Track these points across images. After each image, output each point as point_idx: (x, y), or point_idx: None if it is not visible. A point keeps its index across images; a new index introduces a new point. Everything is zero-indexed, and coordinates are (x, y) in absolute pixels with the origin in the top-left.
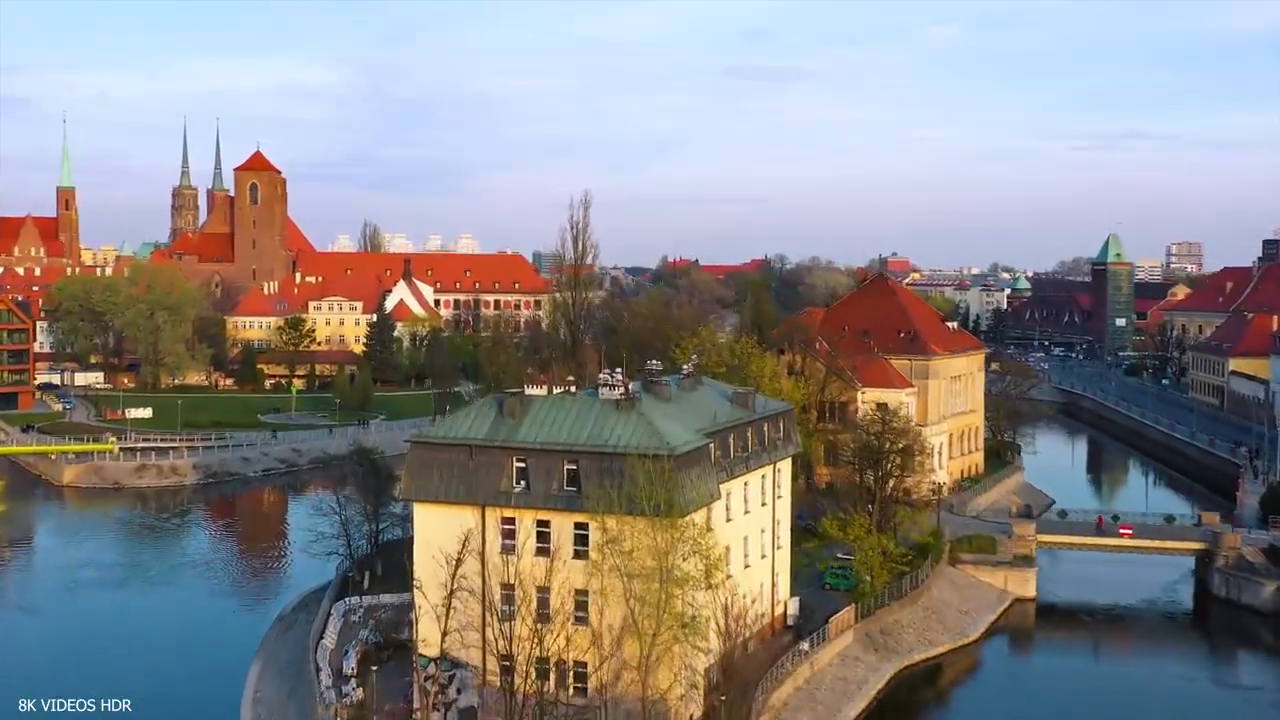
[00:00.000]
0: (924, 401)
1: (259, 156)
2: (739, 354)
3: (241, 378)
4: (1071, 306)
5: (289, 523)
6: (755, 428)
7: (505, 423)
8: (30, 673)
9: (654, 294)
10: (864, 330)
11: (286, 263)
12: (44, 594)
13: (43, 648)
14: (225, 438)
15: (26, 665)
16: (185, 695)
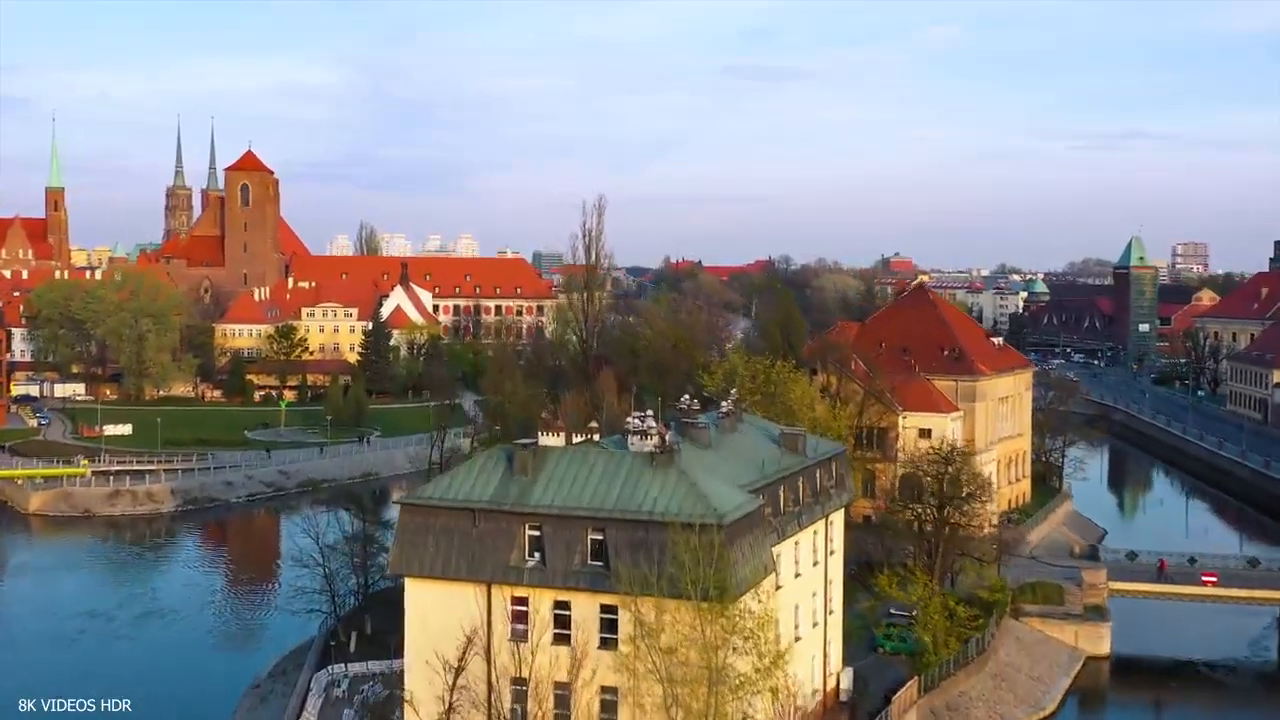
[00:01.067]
0: (971, 426)
1: (250, 156)
2: (775, 380)
3: (229, 389)
4: (1092, 311)
5: (271, 559)
6: (807, 476)
7: (515, 481)
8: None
9: (661, 299)
10: (903, 347)
11: (279, 267)
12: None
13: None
14: (208, 458)
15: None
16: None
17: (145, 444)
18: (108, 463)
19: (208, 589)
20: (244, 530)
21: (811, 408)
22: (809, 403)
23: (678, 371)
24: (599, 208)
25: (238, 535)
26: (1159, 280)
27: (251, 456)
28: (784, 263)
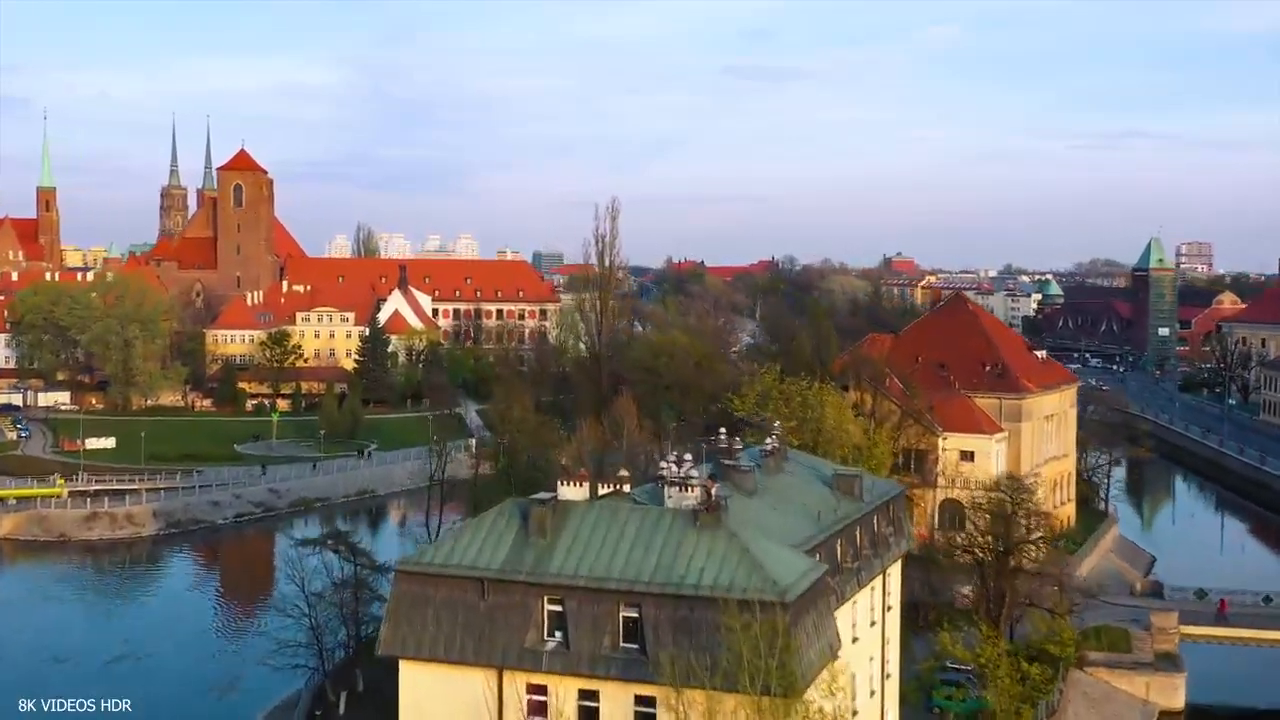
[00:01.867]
0: (1015, 449)
1: (244, 155)
2: (812, 403)
3: (220, 398)
4: (1109, 314)
5: (257, 592)
6: (865, 525)
7: (532, 544)
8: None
9: (669, 303)
10: (940, 362)
11: (273, 269)
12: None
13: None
14: (194, 476)
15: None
16: None
17: (129, 459)
18: (86, 482)
19: (185, 629)
20: (229, 557)
21: (847, 431)
22: (846, 428)
23: (701, 390)
24: (612, 211)
25: (222, 563)
26: None
27: (240, 473)
28: (788, 263)
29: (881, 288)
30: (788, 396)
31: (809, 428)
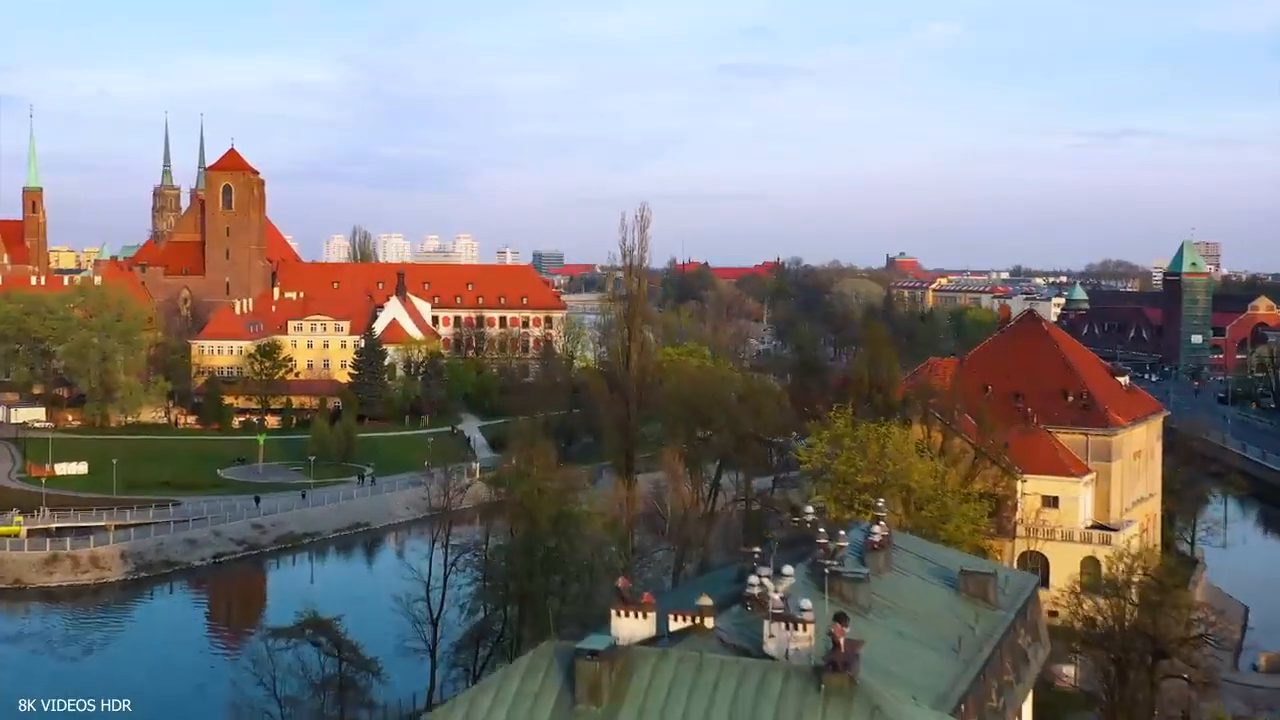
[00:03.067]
0: (1104, 492)
1: (234, 155)
2: (891, 454)
3: (205, 415)
4: (1139, 321)
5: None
6: (1009, 644)
7: (583, 715)
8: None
9: (682, 310)
10: (1014, 391)
11: (264, 275)
12: None
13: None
14: (170, 509)
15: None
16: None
17: (101, 486)
18: (48, 518)
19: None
20: (202, 608)
21: (901, 466)
22: (943, 497)
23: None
24: (642, 220)
25: (192, 616)
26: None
27: (221, 505)
28: (795, 265)
29: (892, 291)
30: (863, 444)
31: (894, 490)
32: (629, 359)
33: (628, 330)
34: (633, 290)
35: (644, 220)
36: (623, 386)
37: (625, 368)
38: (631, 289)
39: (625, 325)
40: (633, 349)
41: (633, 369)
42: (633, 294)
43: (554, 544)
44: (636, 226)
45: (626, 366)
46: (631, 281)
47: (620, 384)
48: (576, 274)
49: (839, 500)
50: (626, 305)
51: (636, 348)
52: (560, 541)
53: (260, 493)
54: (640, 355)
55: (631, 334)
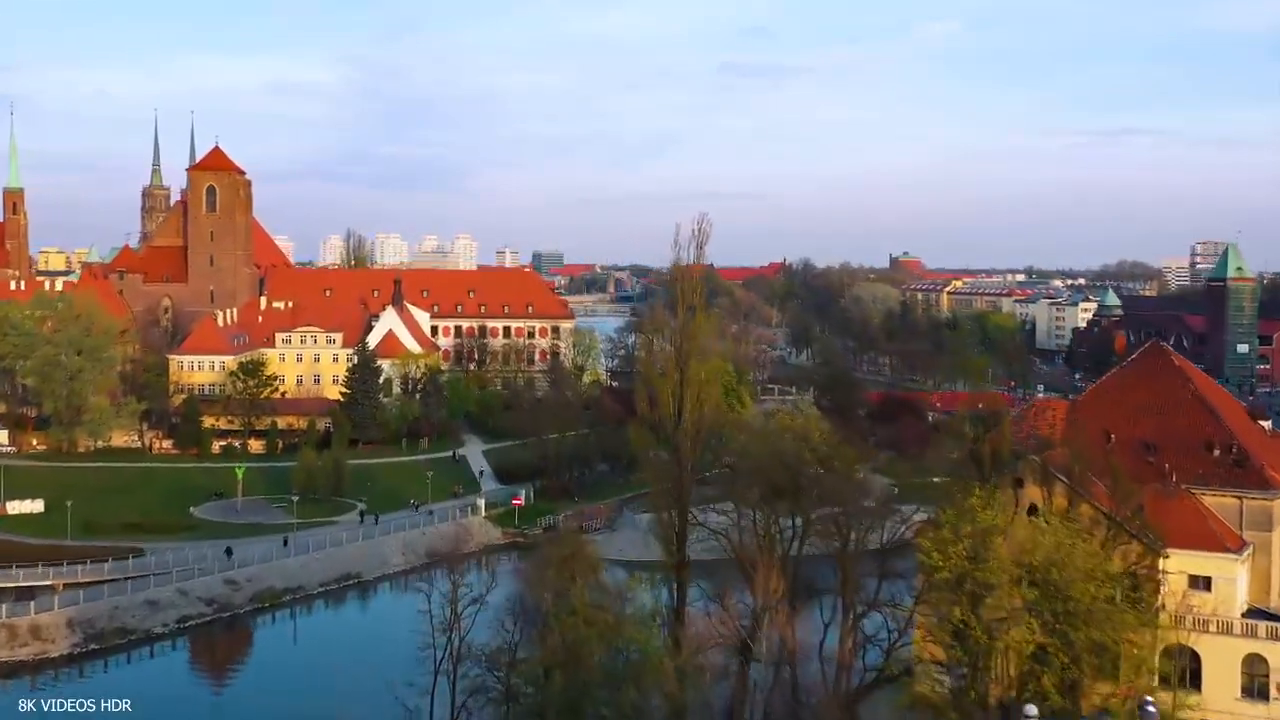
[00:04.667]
0: (1263, 570)
1: (218, 154)
2: (1063, 561)
3: (182, 439)
4: (1179, 329)
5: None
6: None
7: None
8: None
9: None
10: (1144, 441)
11: (251, 282)
12: None
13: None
14: (129, 561)
15: None
16: None
17: (57, 529)
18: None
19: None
20: (156, 691)
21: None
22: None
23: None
24: (700, 235)
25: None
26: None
27: (188, 556)
28: (802, 266)
29: (905, 293)
30: (1018, 542)
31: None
32: (680, 410)
33: (680, 375)
34: (687, 328)
35: (702, 235)
36: (674, 447)
37: (676, 421)
38: (686, 322)
39: (678, 369)
40: (686, 399)
41: (686, 424)
42: (687, 331)
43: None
44: (693, 243)
45: (678, 419)
46: (686, 305)
47: (670, 443)
48: (577, 274)
49: (978, 614)
50: (678, 344)
51: (692, 397)
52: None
53: (237, 536)
54: (696, 406)
55: (684, 380)
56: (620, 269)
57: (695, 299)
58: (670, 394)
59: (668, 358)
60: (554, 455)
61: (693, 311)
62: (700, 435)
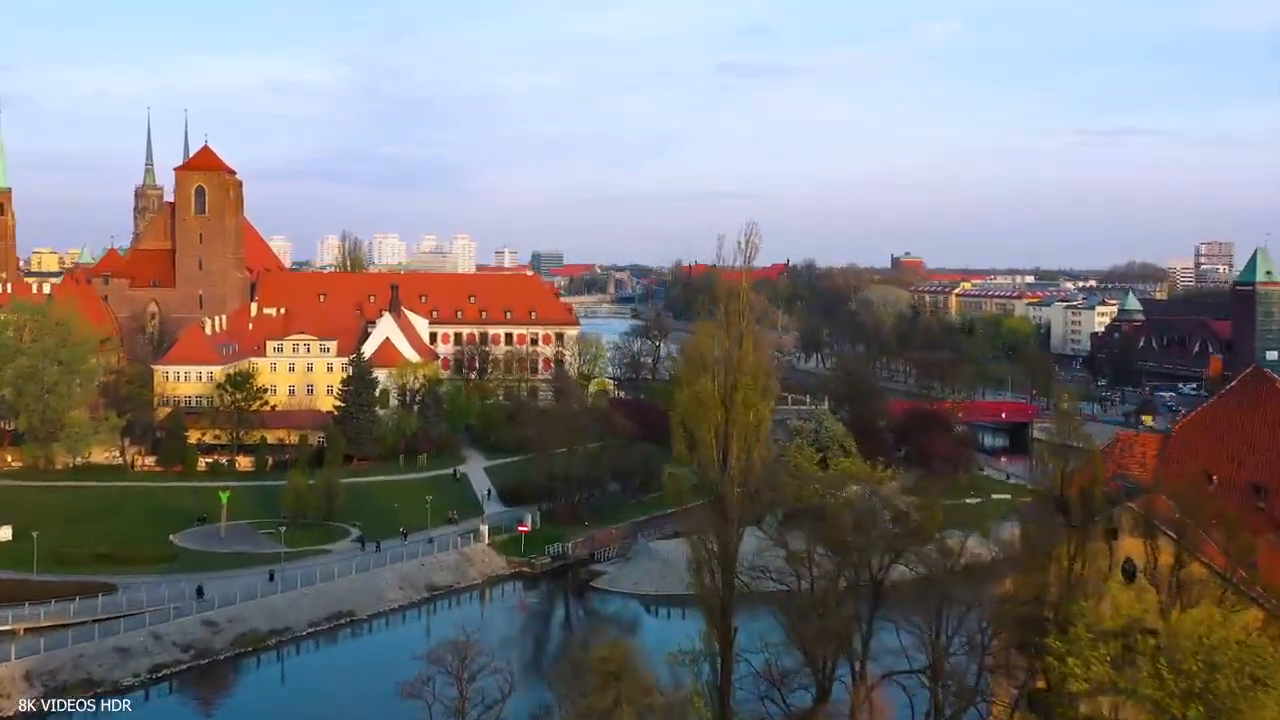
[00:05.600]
0: None
1: (207, 153)
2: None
3: (166, 456)
4: (1204, 335)
5: None
6: None
7: None
8: None
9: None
10: (1254, 484)
11: (242, 287)
12: None
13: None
14: (98, 600)
15: None
16: None
17: (24, 560)
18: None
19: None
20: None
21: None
22: None
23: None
24: (749, 245)
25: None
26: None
27: (164, 593)
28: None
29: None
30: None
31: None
32: (726, 455)
33: (724, 414)
34: (736, 355)
35: (750, 247)
36: (717, 500)
37: (721, 467)
38: (730, 350)
39: (722, 408)
40: (733, 441)
41: (733, 470)
42: (737, 357)
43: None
44: (739, 256)
45: (723, 465)
46: (732, 343)
47: (713, 494)
48: (576, 274)
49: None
50: (725, 375)
51: (740, 439)
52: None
53: (220, 567)
54: (744, 450)
55: (731, 419)
56: (620, 269)
57: (744, 323)
58: (713, 435)
59: (708, 393)
60: (562, 475)
61: (740, 337)
62: (750, 485)
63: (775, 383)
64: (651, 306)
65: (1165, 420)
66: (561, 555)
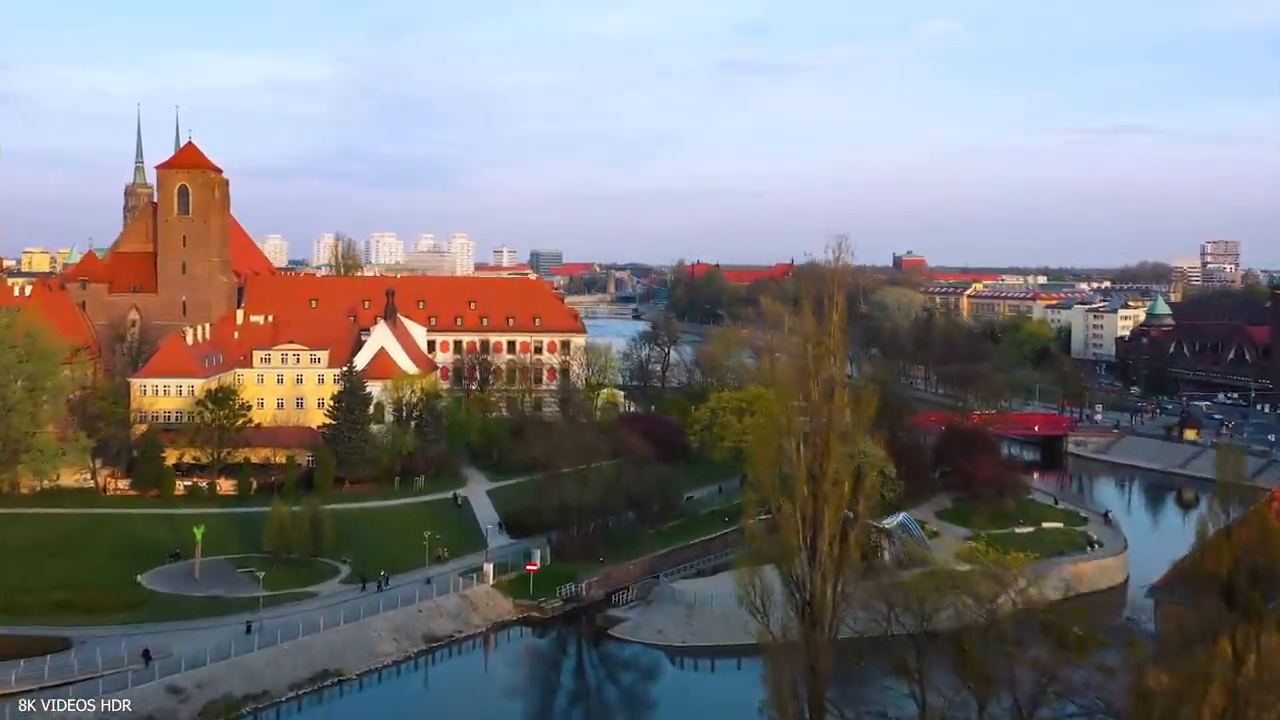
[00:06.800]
0: None
1: (191, 150)
2: None
3: (141, 479)
4: (1240, 341)
5: None
6: None
7: None
8: None
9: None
10: None
11: (229, 293)
12: None
13: None
14: (48, 663)
15: None
16: None
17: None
18: None
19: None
20: None
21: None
22: None
23: None
24: (839, 268)
25: None
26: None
27: (123, 651)
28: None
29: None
30: None
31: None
32: (815, 541)
33: (814, 490)
34: (826, 416)
35: (839, 277)
36: (805, 601)
37: (809, 551)
38: (822, 413)
39: (811, 482)
40: (824, 523)
41: (824, 562)
42: (825, 419)
43: None
44: (834, 277)
45: (811, 554)
46: (821, 397)
47: (798, 591)
48: (576, 273)
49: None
50: (813, 442)
51: (832, 519)
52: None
53: (192, 615)
54: (837, 537)
55: (821, 496)
56: (620, 268)
57: (835, 367)
58: (800, 516)
59: (792, 461)
60: (574, 505)
61: (831, 384)
62: (846, 580)
63: (881, 449)
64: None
65: (1210, 435)
66: (574, 597)
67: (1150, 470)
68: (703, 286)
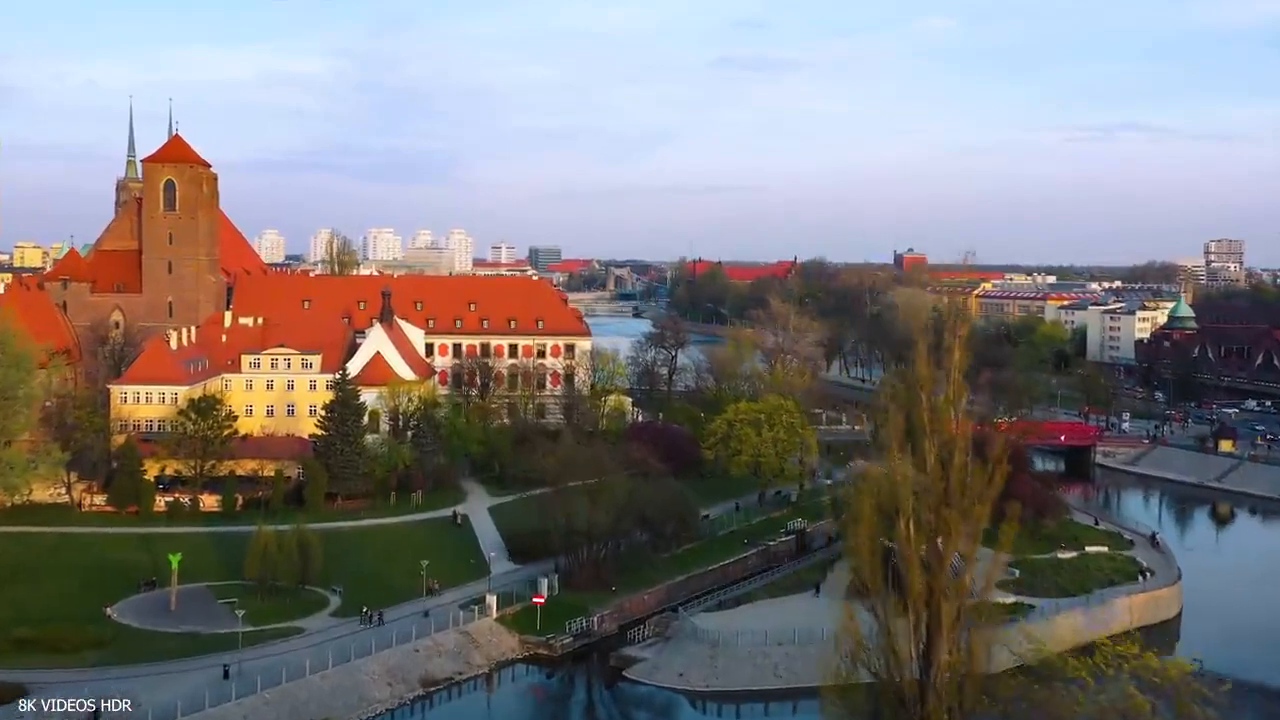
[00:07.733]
0: None
1: (178, 143)
2: None
3: (118, 494)
4: (1269, 344)
5: None
6: None
7: None
8: None
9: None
10: None
11: (217, 293)
12: None
13: None
14: None
15: None
16: None
17: None
18: None
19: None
20: None
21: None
22: None
23: None
24: (952, 323)
25: None
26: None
27: (84, 698)
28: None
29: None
30: None
31: None
32: (930, 660)
33: (931, 605)
34: (948, 508)
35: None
36: (890, 681)
37: (925, 670)
38: (943, 505)
39: (928, 598)
40: (939, 640)
41: (938, 686)
42: (945, 512)
43: None
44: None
45: (927, 669)
46: (937, 484)
47: (907, 704)
48: (575, 270)
49: None
50: (930, 536)
51: (948, 617)
52: None
53: (164, 656)
54: (958, 655)
55: (938, 612)
56: (619, 264)
57: (959, 446)
58: (916, 634)
59: (902, 556)
60: (583, 529)
61: (950, 456)
62: (965, 703)
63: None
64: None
65: (1247, 447)
66: (586, 632)
67: (1183, 483)
68: (705, 284)
